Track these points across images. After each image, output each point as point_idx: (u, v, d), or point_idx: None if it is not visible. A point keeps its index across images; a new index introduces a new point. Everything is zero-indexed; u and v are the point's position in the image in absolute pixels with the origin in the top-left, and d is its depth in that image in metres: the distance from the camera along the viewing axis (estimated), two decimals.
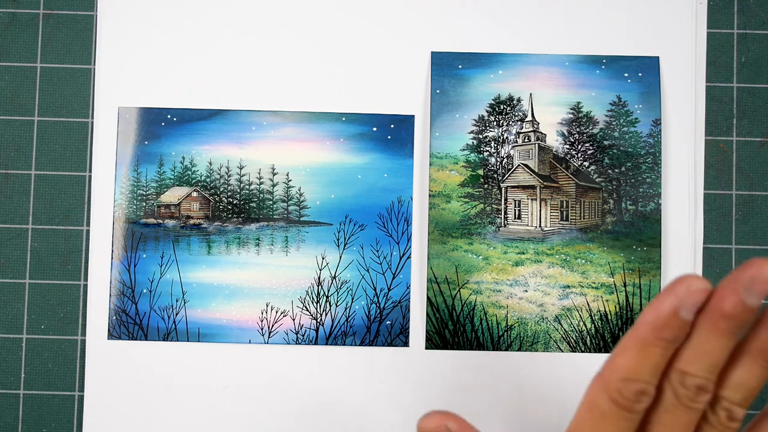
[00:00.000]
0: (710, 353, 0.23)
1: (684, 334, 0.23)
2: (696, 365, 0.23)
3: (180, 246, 0.40)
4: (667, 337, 0.23)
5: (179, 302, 0.39)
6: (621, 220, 0.40)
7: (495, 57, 0.41)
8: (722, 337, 0.23)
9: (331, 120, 0.40)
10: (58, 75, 0.41)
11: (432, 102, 0.40)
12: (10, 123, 0.41)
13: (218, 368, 0.39)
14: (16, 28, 0.41)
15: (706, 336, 0.23)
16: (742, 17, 0.42)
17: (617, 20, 0.41)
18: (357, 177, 0.40)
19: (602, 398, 0.24)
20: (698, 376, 0.23)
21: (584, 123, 0.41)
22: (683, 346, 0.24)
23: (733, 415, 0.24)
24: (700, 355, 0.23)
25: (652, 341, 0.23)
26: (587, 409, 0.24)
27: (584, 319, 0.40)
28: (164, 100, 0.40)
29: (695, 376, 0.23)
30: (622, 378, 0.23)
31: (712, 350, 0.23)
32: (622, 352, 0.23)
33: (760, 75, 0.42)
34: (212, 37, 0.41)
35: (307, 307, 0.40)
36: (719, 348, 0.23)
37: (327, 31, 0.41)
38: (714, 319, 0.23)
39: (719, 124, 0.41)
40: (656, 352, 0.23)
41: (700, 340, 0.23)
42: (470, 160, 0.40)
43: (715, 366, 0.23)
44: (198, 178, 0.40)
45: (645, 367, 0.23)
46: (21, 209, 0.40)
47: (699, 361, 0.23)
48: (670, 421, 0.24)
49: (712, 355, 0.23)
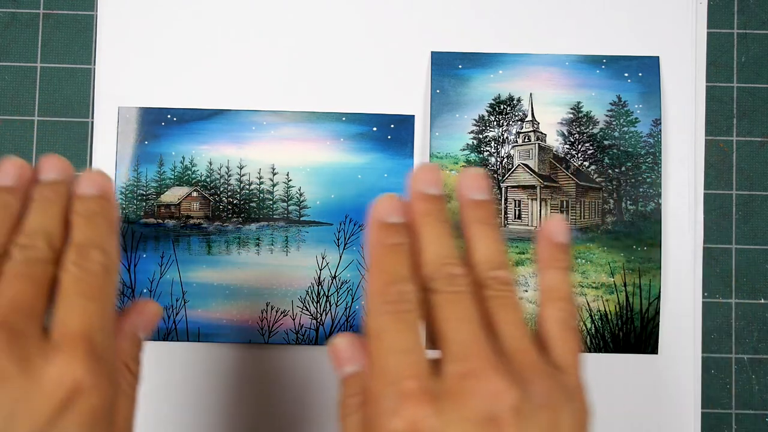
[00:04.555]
0: (438, 245, 0.27)
1: (405, 234, 0.27)
2: (426, 257, 0.27)
3: (180, 246, 0.40)
4: (396, 242, 0.27)
5: (179, 302, 0.39)
6: (621, 220, 0.40)
7: (495, 57, 0.41)
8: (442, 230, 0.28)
9: (331, 120, 0.40)
10: (58, 75, 0.41)
11: (432, 102, 0.40)
12: (10, 123, 0.41)
13: (218, 368, 0.39)
14: (16, 28, 0.41)
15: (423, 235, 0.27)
16: (742, 17, 0.42)
17: (617, 20, 0.41)
18: (357, 177, 0.40)
19: (379, 310, 0.25)
20: (447, 263, 0.27)
21: (584, 123, 0.41)
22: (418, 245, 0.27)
23: (501, 279, 0.27)
24: (432, 245, 0.27)
25: (385, 249, 0.27)
26: (376, 336, 0.25)
27: (584, 319, 0.40)
28: (164, 100, 0.40)
29: (449, 264, 0.26)
30: (384, 285, 0.26)
31: (438, 242, 0.27)
32: (377, 269, 0.26)
33: (760, 75, 0.42)
34: (212, 37, 0.41)
35: (307, 307, 0.40)
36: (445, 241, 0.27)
37: (327, 31, 0.41)
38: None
39: (719, 124, 0.41)
40: (401, 255, 0.26)
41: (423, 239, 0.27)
42: (470, 160, 0.40)
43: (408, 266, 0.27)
44: (198, 178, 0.40)
45: (402, 271, 0.26)
46: None
47: (430, 252, 0.27)
48: (451, 310, 0.26)
49: (439, 245, 0.27)
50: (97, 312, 0.25)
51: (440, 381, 0.24)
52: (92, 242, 0.27)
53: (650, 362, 0.39)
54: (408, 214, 0.28)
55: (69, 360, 0.23)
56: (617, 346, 0.39)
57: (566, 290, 0.29)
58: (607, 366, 0.40)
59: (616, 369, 0.39)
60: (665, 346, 0.40)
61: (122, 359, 0.28)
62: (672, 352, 0.40)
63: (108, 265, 0.26)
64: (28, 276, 0.25)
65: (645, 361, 0.39)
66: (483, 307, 0.27)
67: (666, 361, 0.39)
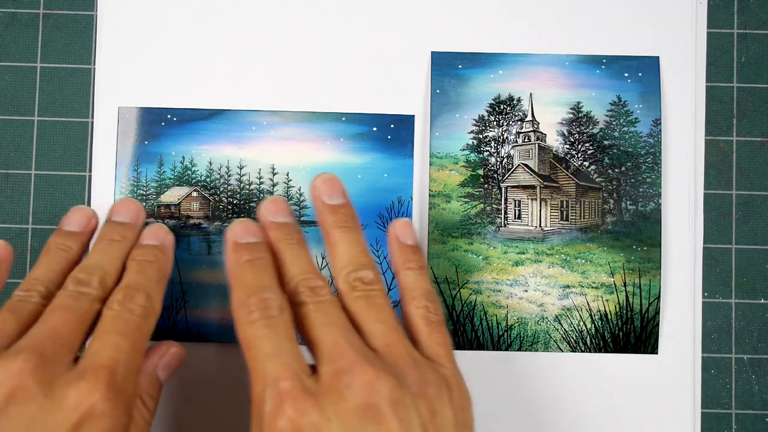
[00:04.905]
0: (297, 263, 0.29)
1: (261, 251, 0.29)
2: (288, 275, 0.29)
3: (180, 246, 0.40)
4: (251, 258, 0.29)
5: (179, 302, 0.39)
6: (621, 220, 0.40)
7: (495, 57, 0.41)
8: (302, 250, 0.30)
9: (331, 120, 0.40)
10: (58, 75, 0.41)
11: (432, 102, 0.40)
12: (10, 123, 0.41)
13: (218, 368, 0.39)
14: (16, 28, 0.41)
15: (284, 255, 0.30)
16: (742, 17, 0.42)
17: (617, 20, 0.41)
18: (357, 177, 0.40)
19: (244, 321, 0.27)
20: (308, 277, 0.28)
21: (584, 123, 0.41)
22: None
23: (364, 280, 0.28)
24: (291, 265, 0.29)
25: (241, 265, 0.28)
26: (248, 347, 0.27)
27: (584, 319, 0.40)
28: (164, 100, 0.40)
29: (310, 278, 0.28)
30: (245, 297, 0.27)
31: (296, 261, 0.29)
32: (236, 284, 0.28)
33: (760, 75, 0.42)
34: (212, 37, 0.41)
35: None
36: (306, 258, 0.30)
37: (327, 31, 0.41)
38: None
39: (719, 124, 0.41)
40: (259, 269, 0.28)
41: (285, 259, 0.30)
42: (470, 160, 0.40)
43: (310, 267, 0.29)
44: (198, 178, 0.40)
45: (261, 282, 0.28)
46: (21, 209, 0.40)
47: (291, 270, 0.29)
48: (317, 317, 0.27)
49: (297, 263, 0.29)
50: (127, 349, 0.27)
51: (317, 381, 0.25)
52: (140, 286, 0.29)
53: (650, 362, 0.39)
54: (261, 236, 0.30)
55: (89, 387, 0.25)
56: (617, 346, 0.39)
57: (423, 288, 0.30)
58: (607, 366, 0.40)
59: (616, 369, 0.39)
60: (665, 346, 0.40)
61: (138, 394, 0.29)
62: (672, 352, 0.40)
63: (148, 309, 0.29)
64: (74, 309, 0.28)
65: (645, 361, 0.40)
66: (352, 309, 0.28)
67: (666, 361, 0.39)
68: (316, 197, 0.32)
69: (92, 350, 0.26)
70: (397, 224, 0.32)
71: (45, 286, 0.29)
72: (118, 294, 0.28)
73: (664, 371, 0.39)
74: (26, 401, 0.24)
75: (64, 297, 0.28)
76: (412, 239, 0.32)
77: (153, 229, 0.33)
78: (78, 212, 0.34)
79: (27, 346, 0.25)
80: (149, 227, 0.33)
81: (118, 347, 0.26)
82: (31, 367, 0.24)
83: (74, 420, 0.24)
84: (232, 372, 0.39)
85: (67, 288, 0.28)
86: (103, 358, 0.26)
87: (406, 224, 0.32)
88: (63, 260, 0.31)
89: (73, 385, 0.25)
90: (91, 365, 0.25)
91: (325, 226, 0.31)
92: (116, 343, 0.26)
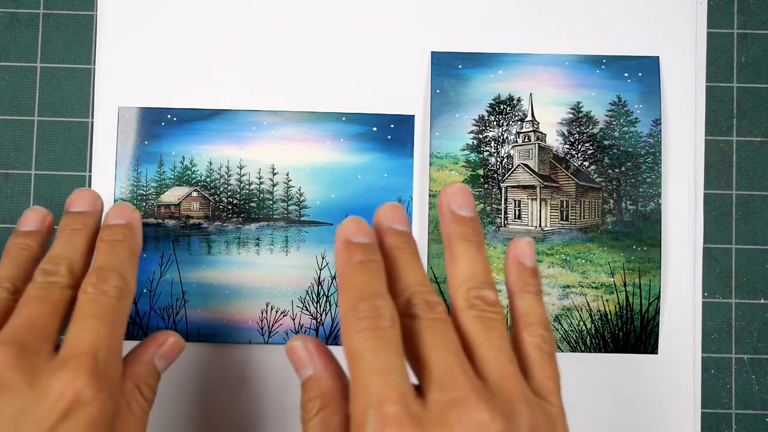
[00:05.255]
0: (413, 273, 0.27)
1: (374, 252, 0.27)
2: (402, 285, 0.27)
3: (180, 246, 0.40)
4: (364, 259, 0.26)
5: (179, 302, 0.39)
6: (621, 220, 0.40)
7: (495, 57, 0.41)
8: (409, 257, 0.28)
9: (331, 120, 0.40)
10: (58, 75, 0.41)
11: (432, 102, 0.40)
12: (10, 123, 0.41)
13: (218, 368, 0.39)
14: (16, 28, 0.41)
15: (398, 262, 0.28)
16: (742, 17, 0.42)
17: (617, 20, 0.41)
18: (357, 177, 0.40)
19: (354, 328, 0.25)
20: (424, 290, 0.26)
21: (584, 123, 0.41)
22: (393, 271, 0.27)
23: (487, 300, 0.26)
24: (408, 274, 0.27)
25: (353, 266, 0.26)
26: (354, 357, 0.24)
27: (584, 319, 0.40)
28: (164, 100, 0.40)
29: (426, 291, 0.26)
30: (356, 302, 0.25)
31: (413, 271, 0.27)
32: (346, 286, 0.26)
33: (760, 75, 0.42)
34: (212, 37, 0.41)
35: (307, 307, 0.40)
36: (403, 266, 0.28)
37: (327, 30, 0.41)
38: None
39: (719, 124, 0.41)
40: (372, 272, 0.26)
41: (398, 266, 0.27)
42: (470, 160, 0.40)
43: (381, 285, 0.26)
44: (198, 178, 0.40)
45: (373, 287, 0.25)
46: (21, 209, 0.40)
47: (406, 280, 0.27)
48: (431, 336, 0.25)
49: (414, 274, 0.27)
50: (106, 332, 0.26)
51: (424, 407, 0.23)
52: (112, 267, 0.29)
53: (650, 362, 0.39)
54: (374, 237, 0.28)
55: (72, 375, 0.25)
56: (617, 346, 0.39)
57: (539, 315, 0.28)
58: (607, 366, 0.40)
59: (616, 369, 0.39)
60: (665, 346, 0.40)
61: (135, 382, 0.29)
62: (672, 352, 0.40)
63: (123, 290, 0.28)
64: (46, 299, 0.27)
65: (645, 361, 0.40)
66: (467, 328, 0.26)
67: (666, 361, 0.39)
68: (445, 205, 0.29)
69: (71, 337, 0.26)
70: (519, 243, 0.30)
71: (11, 283, 0.29)
72: (91, 277, 0.28)
73: (664, 371, 0.39)
74: (12, 393, 0.24)
75: (34, 288, 0.28)
76: (532, 261, 0.30)
77: (118, 208, 0.32)
78: (32, 212, 0.33)
79: (4, 339, 0.25)
80: (113, 206, 0.32)
81: (96, 332, 0.26)
82: (12, 359, 0.24)
83: (61, 409, 0.24)
84: (232, 372, 0.39)
85: (36, 280, 0.28)
86: (83, 345, 0.25)
87: (529, 244, 0.30)
88: (25, 258, 0.31)
89: (56, 375, 0.25)
90: (72, 353, 0.25)
91: (450, 237, 0.29)
92: (94, 327, 0.26)
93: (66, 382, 0.24)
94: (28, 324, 0.26)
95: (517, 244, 0.30)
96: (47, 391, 0.24)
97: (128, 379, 0.29)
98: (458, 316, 0.27)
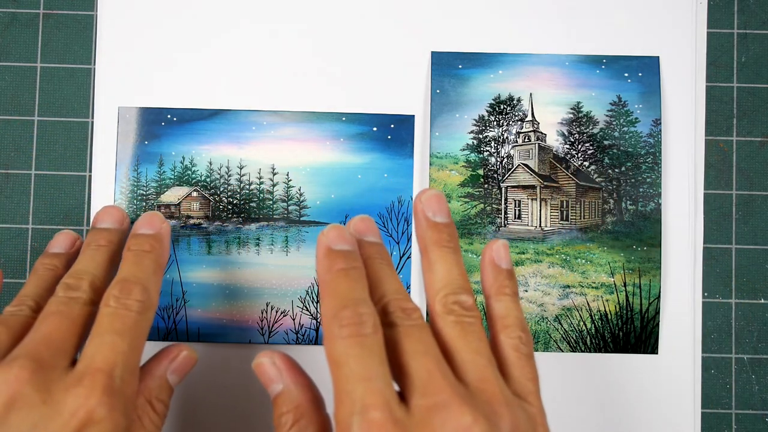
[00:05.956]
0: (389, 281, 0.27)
1: (355, 260, 0.27)
2: (377, 294, 0.27)
3: (180, 246, 0.40)
4: (346, 267, 0.27)
5: (179, 302, 0.39)
6: (621, 220, 0.40)
7: (495, 57, 0.41)
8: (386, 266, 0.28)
9: (331, 120, 0.40)
10: (58, 75, 0.41)
11: (432, 102, 0.40)
12: (10, 123, 0.41)
13: (218, 368, 0.39)
14: (16, 28, 0.41)
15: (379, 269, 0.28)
16: (742, 17, 0.42)
17: (617, 20, 0.41)
18: (357, 177, 0.40)
19: (336, 335, 0.25)
20: (397, 299, 0.27)
21: (584, 123, 0.41)
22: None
23: (464, 305, 0.27)
24: (383, 283, 0.27)
25: (334, 273, 0.26)
26: (337, 364, 0.24)
27: (584, 319, 0.40)
28: (164, 100, 0.40)
29: (401, 299, 0.27)
30: (338, 309, 0.25)
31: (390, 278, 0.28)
32: (328, 293, 0.26)
33: (760, 75, 0.42)
34: (212, 37, 0.41)
35: (307, 307, 0.40)
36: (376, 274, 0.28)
37: (327, 30, 0.41)
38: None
39: (719, 124, 0.41)
40: (354, 279, 0.26)
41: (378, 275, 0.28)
42: (470, 160, 0.40)
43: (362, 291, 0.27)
44: (198, 178, 0.40)
45: (356, 294, 0.26)
46: (21, 209, 0.40)
47: (382, 289, 0.27)
48: (410, 343, 0.25)
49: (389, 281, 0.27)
50: (124, 349, 0.26)
51: (407, 413, 0.23)
52: (136, 279, 0.29)
53: (650, 362, 0.39)
54: (356, 245, 0.28)
55: (86, 392, 0.25)
56: (617, 346, 0.39)
57: (516, 316, 0.28)
58: (607, 366, 0.40)
59: (616, 369, 0.39)
60: (665, 346, 0.40)
61: (147, 397, 0.29)
62: (672, 352, 0.40)
63: (146, 303, 0.28)
64: (66, 314, 0.27)
65: (645, 361, 0.40)
66: (445, 334, 0.26)
67: (666, 361, 0.39)
68: (420, 211, 0.29)
69: (89, 353, 0.26)
70: (494, 246, 0.30)
71: (35, 301, 0.29)
72: (113, 289, 0.28)
73: (664, 371, 0.39)
74: (26, 408, 0.24)
75: (55, 303, 0.28)
76: (508, 263, 0.30)
77: (148, 218, 0.32)
78: (62, 236, 0.34)
79: (22, 354, 0.25)
80: (144, 215, 0.32)
81: (114, 348, 0.26)
82: (28, 374, 0.24)
83: (73, 426, 0.24)
84: (232, 372, 0.39)
85: (58, 294, 0.28)
86: (100, 361, 0.25)
87: (504, 247, 0.30)
88: (50, 278, 0.31)
89: (71, 391, 0.25)
90: (88, 369, 0.25)
91: (426, 243, 0.29)
92: (113, 343, 0.26)
93: (80, 399, 0.24)
94: (46, 339, 0.26)
95: (492, 246, 0.30)
96: (61, 407, 0.24)
97: (140, 395, 0.29)
98: (436, 322, 0.27)
